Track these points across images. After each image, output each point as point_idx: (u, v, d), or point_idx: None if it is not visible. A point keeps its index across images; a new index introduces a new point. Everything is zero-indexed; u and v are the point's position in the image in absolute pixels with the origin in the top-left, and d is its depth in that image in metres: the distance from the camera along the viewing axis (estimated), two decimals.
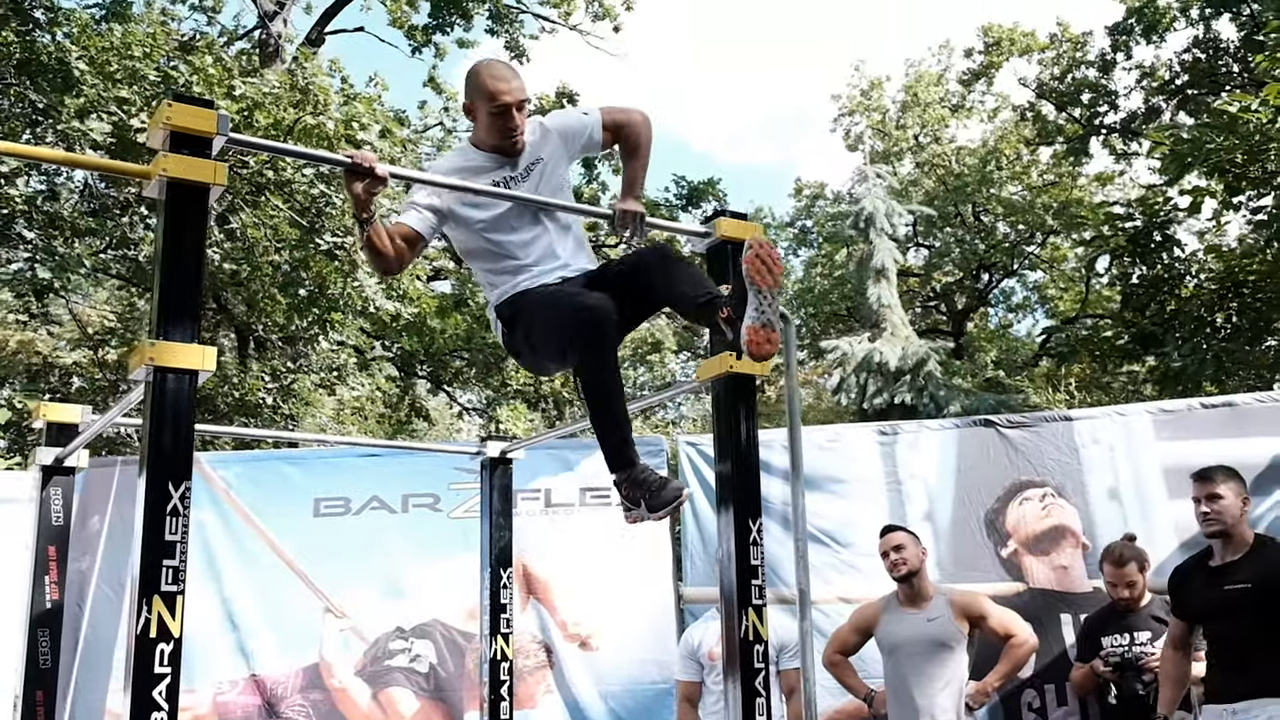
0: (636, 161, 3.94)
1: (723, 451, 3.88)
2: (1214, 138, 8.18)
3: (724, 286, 3.53)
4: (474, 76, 3.69)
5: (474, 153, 3.75)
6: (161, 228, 3.16)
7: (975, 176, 24.64)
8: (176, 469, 3.03)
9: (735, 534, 3.79)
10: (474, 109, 3.70)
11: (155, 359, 2.99)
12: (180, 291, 3.12)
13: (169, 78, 10.20)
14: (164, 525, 3.00)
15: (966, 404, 14.64)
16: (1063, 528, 6.36)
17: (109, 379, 12.24)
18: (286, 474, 7.01)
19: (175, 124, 3.15)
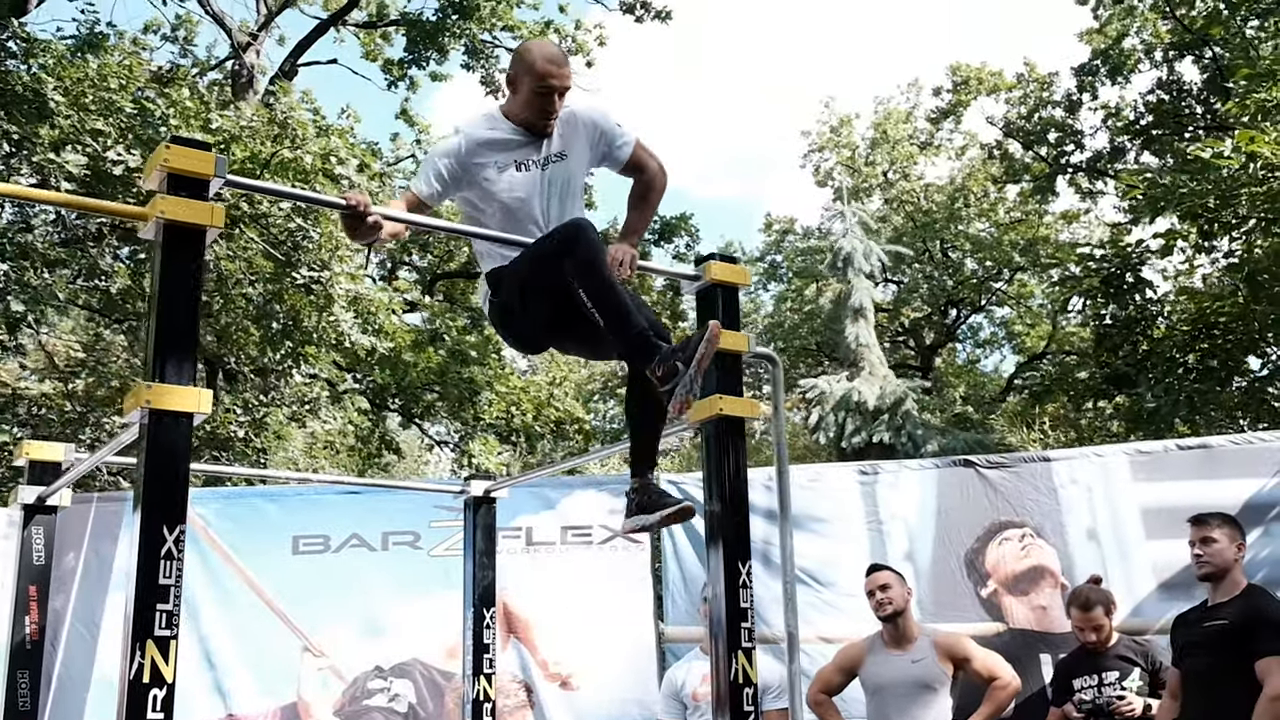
0: (646, 210, 4.05)
1: (713, 493, 3.89)
2: (1187, 182, 8.32)
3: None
4: (526, 53, 3.72)
5: (503, 123, 3.74)
6: (158, 270, 3.16)
7: (943, 213, 24.92)
8: (171, 512, 3.01)
9: (725, 576, 3.80)
10: (517, 82, 3.70)
11: (151, 401, 2.97)
12: (176, 334, 3.11)
13: (145, 110, 10.16)
14: (158, 569, 2.97)
15: (944, 443, 14.73)
16: (1042, 568, 6.41)
17: (78, 411, 12.10)
18: (265, 511, 6.97)
19: (173, 166, 3.16)
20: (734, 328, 4.04)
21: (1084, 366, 13.51)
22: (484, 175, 3.68)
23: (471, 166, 3.66)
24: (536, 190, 3.75)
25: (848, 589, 6.26)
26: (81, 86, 10.16)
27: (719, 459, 3.92)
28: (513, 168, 3.70)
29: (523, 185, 3.71)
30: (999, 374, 27.70)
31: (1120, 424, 11.89)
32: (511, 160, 3.70)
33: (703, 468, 4.00)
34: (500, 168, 3.68)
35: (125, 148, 9.67)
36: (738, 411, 3.94)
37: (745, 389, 4.03)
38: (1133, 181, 8.94)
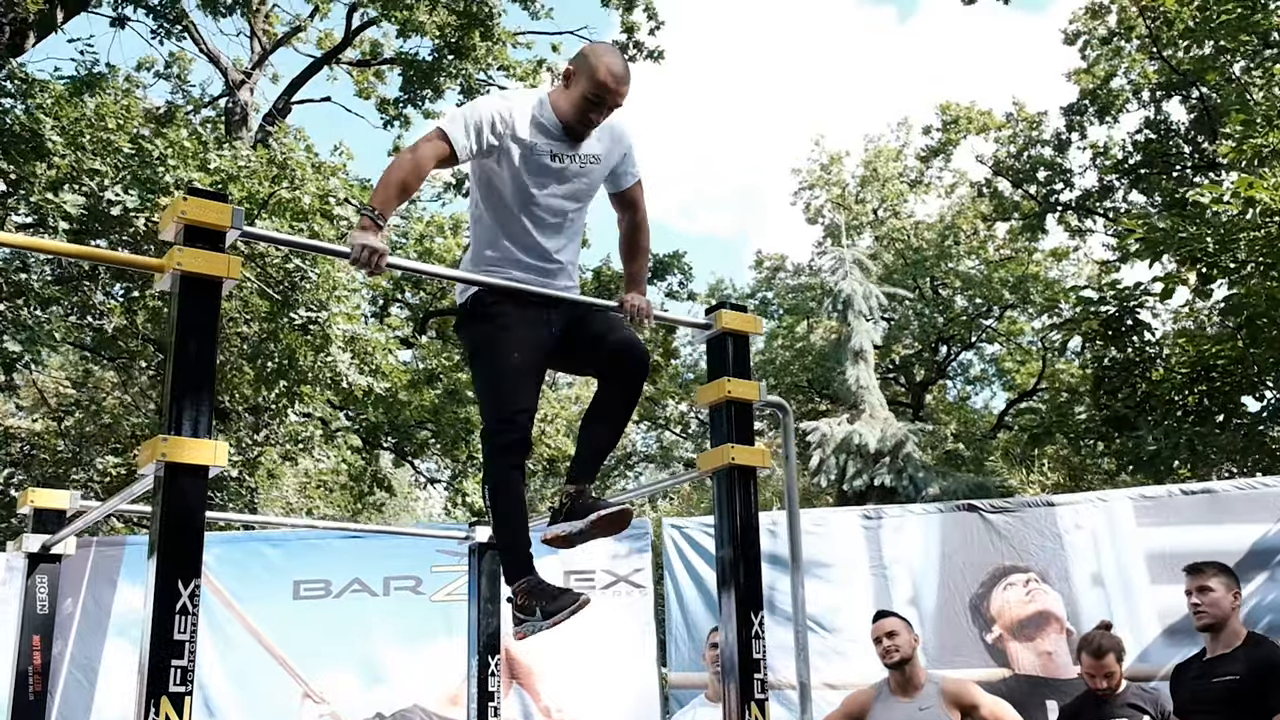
0: (642, 256, 4.10)
1: (724, 542, 3.90)
2: (1186, 227, 8.39)
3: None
4: (592, 54, 3.68)
5: (548, 110, 3.68)
6: (174, 321, 3.14)
7: (934, 250, 25.04)
8: (186, 567, 2.99)
9: (737, 627, 3.79)
10: (573, 80, 3.65)
11: (167, 455, 2.96)
12: (193, 386, 3.09)
13: (142, 150, 10.15)
14: (173, 624, 2.96)
15: (945, 486, 14.73)
16: (1047, 613, 6.40)
17: (71, 450, 12.03)
18: (266, 555, 6.91)
19: (190, 218, 3.15)
20: (745, 376, 4.06)
21: (1077, 404, 13.56)
22: (515, 150, 3.63)
23: (508, 134, 3.61)
24: (566, 184, 3.75)
25: (852, 634, 6.23)
26: (79, 126, 10.16)
27: (730, 508, 3.92)
28: (546, 155, 3.67)
29: (555, 175, 3.70)
30: (989, 411, 27.74)
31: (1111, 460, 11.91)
32: (549, 148, 3.67)
33: (715, 516, 4.00)
34: (535, 150, 3.65)
35: (123, 188, 9.65)
36: (749, 461, 3.95)
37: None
38: (1132, 225, 9.00)
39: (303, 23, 18.26)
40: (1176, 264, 8.93)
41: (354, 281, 10.79)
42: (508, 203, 3.70)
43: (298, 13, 18.22)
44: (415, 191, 3.85)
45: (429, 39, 14.96)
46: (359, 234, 3.44)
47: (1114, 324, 9.76)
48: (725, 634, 3.80)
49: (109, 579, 6.66)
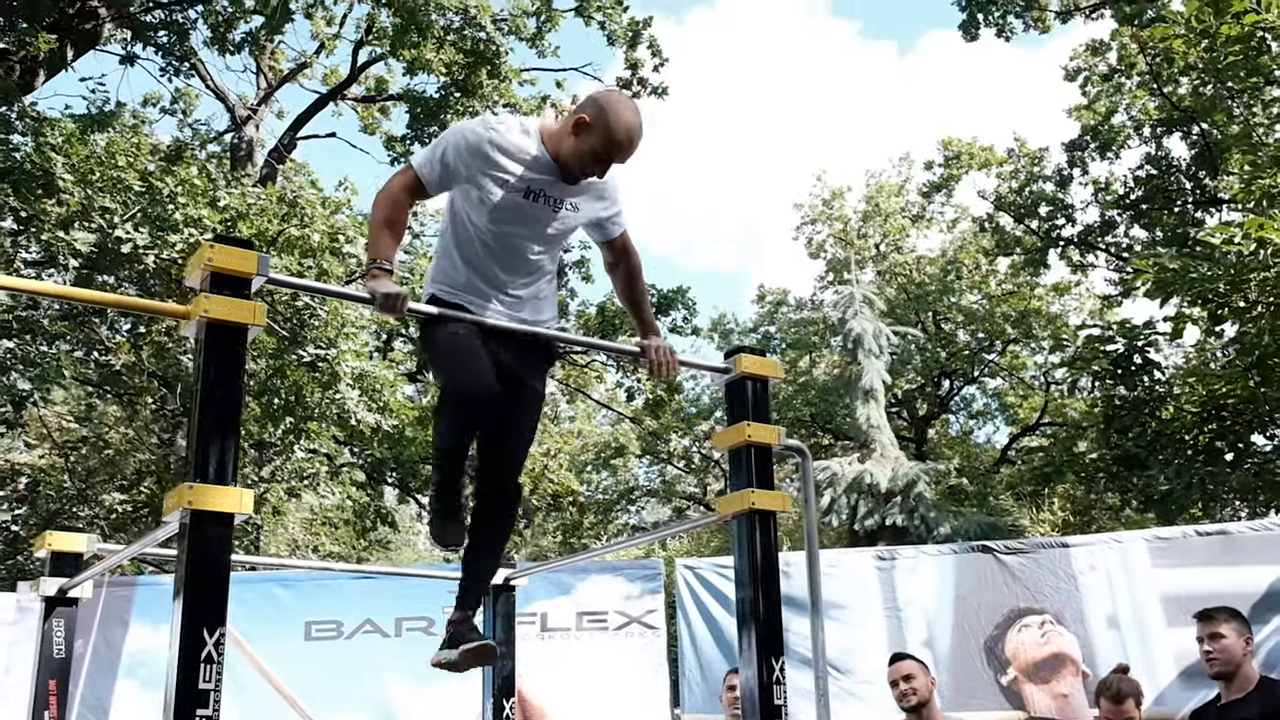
0: (645, 300, 4.08)
1: (744, 586, 3.89)
2: (1197, 267, 8.42)
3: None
4: (611, 112, 3.48)
5: (537, 143, 3.54)
6: (200, 368, 3.15)
7: (936, 285, 25.09)
8: (211, 615, 2.97)
9: (758, 671, 3.78)
10: (586, 130, 3.46)
11: (193, 502, 2.96)
12: (219, 433, 3.10)
13: (152, 187, 10.19)
14: (198, 674, 2.94)
15: (956, 525, 14.69)
16: (1062, 655, 6.38)
17: (78, 486, 12.00)
18: (278, 596, 6.89)
19: (217, 265, 3.17)
20: (764, 420, 4.06)
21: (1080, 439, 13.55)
22: (488, 183, 3.50)
23: (481, 166, 3.48)
24: (537, 224, 3.63)
25: (866, 676, 6.20)
26: (89, 164, 10.21)
27: (751, 551, 3.92)
28: (521, 192, 3.53)
29: (525, 214, 3.58)
30: (992, 446, 27.72)
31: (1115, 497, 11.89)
32: (526, 184, 3.52)
33: (734, 560, 3.99)
34: (508, 186, 3.51)
35: (133, 225, 9.68)
36: (770, 505, 3.95)
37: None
38: (1142, 265, 9.03)
39: (308, 59, 18.37)
40: (1188, 303, 8.95)
41: (362, 319, 10.81)
42: (472, 231, 3.61)
43: (303, 49, 18.34)
44: (404, 225, 3.73)
45: (436, 76, 15.05)
46: (374, 283, 3.41)
47: (1123, 363, 9.78)
48: (745, 678, 3.79)
49: (120, 619, 6.64)
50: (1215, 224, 10.89)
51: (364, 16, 16.65)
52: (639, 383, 19.08)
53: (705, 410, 27.38)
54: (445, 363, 3.62)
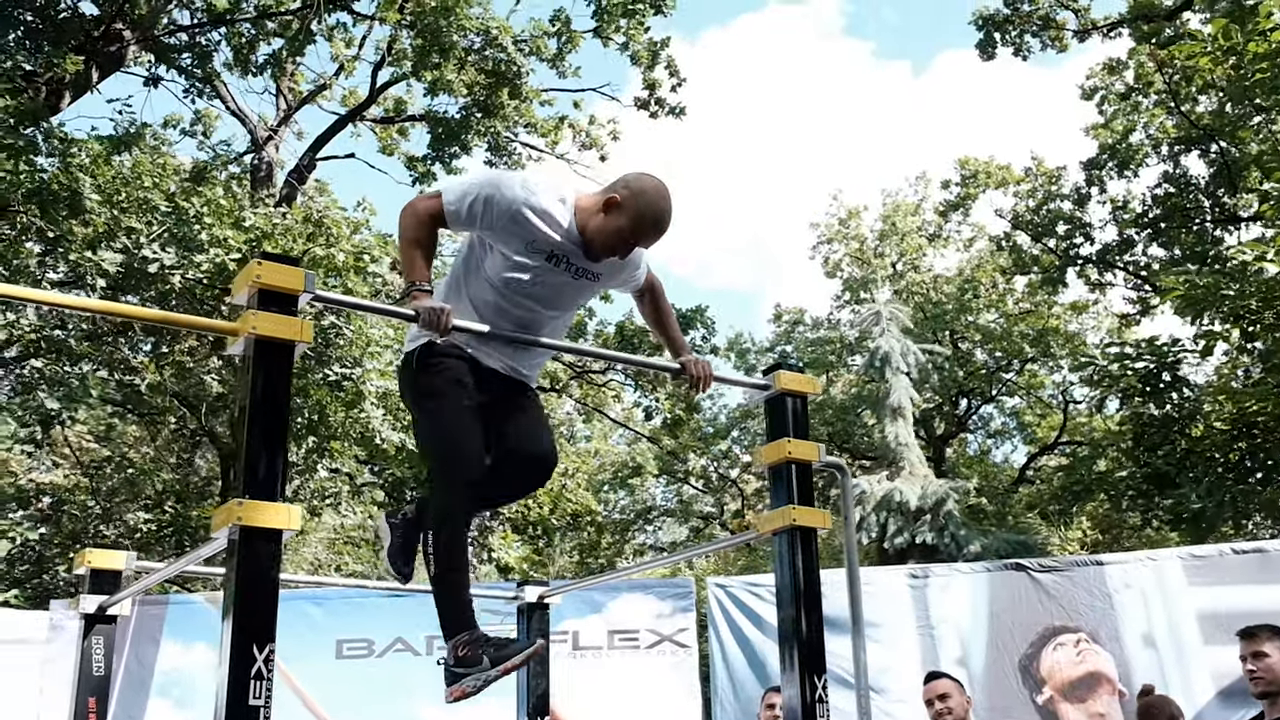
0: (672, 319, 4.07)
1: (785, 604, 3.87)
2: (1229, 285, 8.40)
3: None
4: (642, 196, 3.48)
5: (570, 214, 3.52)
6: (248, 385, 3.14)
7: (953, 304, 25.04)
8: (261, 632, 2.95)
9: (800, 690, 3.75)
10: (616, 210, 3.47)
11: (243, 519, 2.95)
12: (267, 450, 3.09)
13: (178, 208, 10.25)
14: (248, 690, 2.91)
15: (986, 544, 14.61)
16: (1098, 674, 6.33)
17: (102, 506, 12.03)
18: (309, 614, 6.87)
19: (264, 282, 3.16)
20: (804, 437, 4.05)
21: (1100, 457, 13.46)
22: (513, 243, 3.49)
23: (508, 226, 3.46)
24: (557, 292, 3.62)
25: (899, 695, 6.16)
26: (115, 185, 10.27)
27: (792, 569, 3.90)
28: (545, 256, 3.51)
29: (547, 279, 3.55)
30: (1010, 465, 27.61)
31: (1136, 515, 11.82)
32: (550, 248, 3.50)
33: (775, 577, 3.97)
34: (534, 248, 3.49)
35: (160, 245, 9.73)
36: (810, 522, 3.93)
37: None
38: (1173, 283, 9.01)
39: (328, 81, 18.47)
40: (1220, 320, 8.91)
41: (386, 338, 10.83)
42: (487, 280, 3.57)
43: (323, 70, 18.43)
44: (435, 245, 3.69)
45: (457, 97, 15.11)
46: (417, 301, 3.39)
47: (1152, 380, 9.74)
48: (788, 697, 3.76)
49: (152, 638, 6.64)
50: (1248, 240, 10.82)
51: (383, 39, 16.77)
52: (657, 402, 19.07)
53: (723, 430, 27.34)
54: (436, 435, 3.56)
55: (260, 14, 13.94)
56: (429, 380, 3.56)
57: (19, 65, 10.86)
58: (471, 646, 3.37)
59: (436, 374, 3.54)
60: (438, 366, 3.55)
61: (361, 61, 17.91)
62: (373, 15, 15.03)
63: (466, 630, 3.41)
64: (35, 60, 11.18)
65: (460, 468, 3.47)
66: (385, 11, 14.04)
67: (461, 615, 3.44)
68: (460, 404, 3.51)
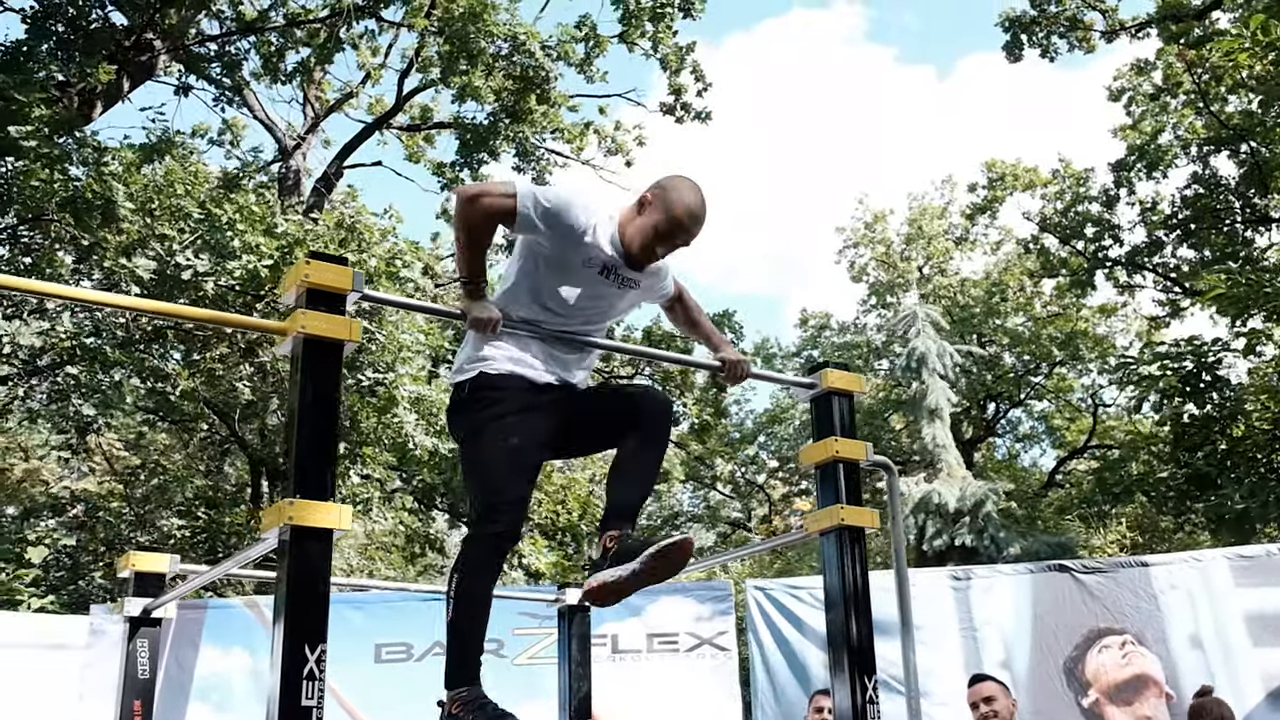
0: (705, 320, 4.07)
1: (834, 604, 3.85)
2: (1272, 281, 8.31)
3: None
4: (674, 191, 3.53)
5: (615, 228, 3.56)
6: (298, 384, 3.12)
7: (980, 308, 24.91)
8: (313, 632, 2.93)
9: (850, 690, 3.72)
10: (648, 208, 3.53)
11: (294, 518, 2.93)
12: (317, 449, 3.08)
13: (211, 215, 10.29)
14: (300, 690, 2.89)
15: (1026, 546, 14.47)
16: (1145, 676, 6.25)
17: (136, 513, 12.08)
18: (348, 618, 6.85)
19: (312, 281, 3.15)
20: (851, 435, 4.02)
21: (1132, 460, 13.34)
22: (571, 255, 3.50)
23: (572, 236, 3.48)
24: (606, 303, 3.66)
25: (942, 698, 6.10)
26: (148, 192, 10.32)
27: (841, 568, 3.87)
28: (598, 269, 3.54)
29: (597, 290, 3.59)
30: (1039, 469, 27.43)
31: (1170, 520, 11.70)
32: (602, 262, 3.53)
33: (824, 578, 3.95)
34: (590, 262, 3.52)
35: (193, 252, 9.77)
36: (859, 521, 3.91)
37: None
38: (1213, 280, 8.91)
39: (354, 89, 18.53)
40: (1263, 318, 8.82)
41: (417, 343, 10.83)
42: (542, 288, 3.57)
43: (349, 79, 18.53)
44: (491, 240, 3.70)
45: (485, 104, 15.12)
46: (468, 304, 3.42)
47: (1192, 380, 9.64)
48: (838, 699, 3.73)
49: (191, 642, 6.64)
50: None
51: (410, 46, 16.82)
52: (684, 407, 19.03)
53: (750, 435, 27.28)
54: (478, 477, 3.48)
55: (290, 22, 13.99)
56: (478, 416, 3.48)
57: (52, 75, 10.93)
58: (466, 708, 3.22)
59: (487, 408, 3.48)
60: (489, 400, 3.48)
61: (388, 69, 17.99)
62: (400, 22, 15.08)
63: (468, 686, 3.26)
64: (68, 70, 11.25)
65: (498, 516, 3.36)
66: (413, 18, 14.07)
67: (466, 666, 3.31)
68: (508, 444, 3.43)
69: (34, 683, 6.61)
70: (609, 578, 3.32)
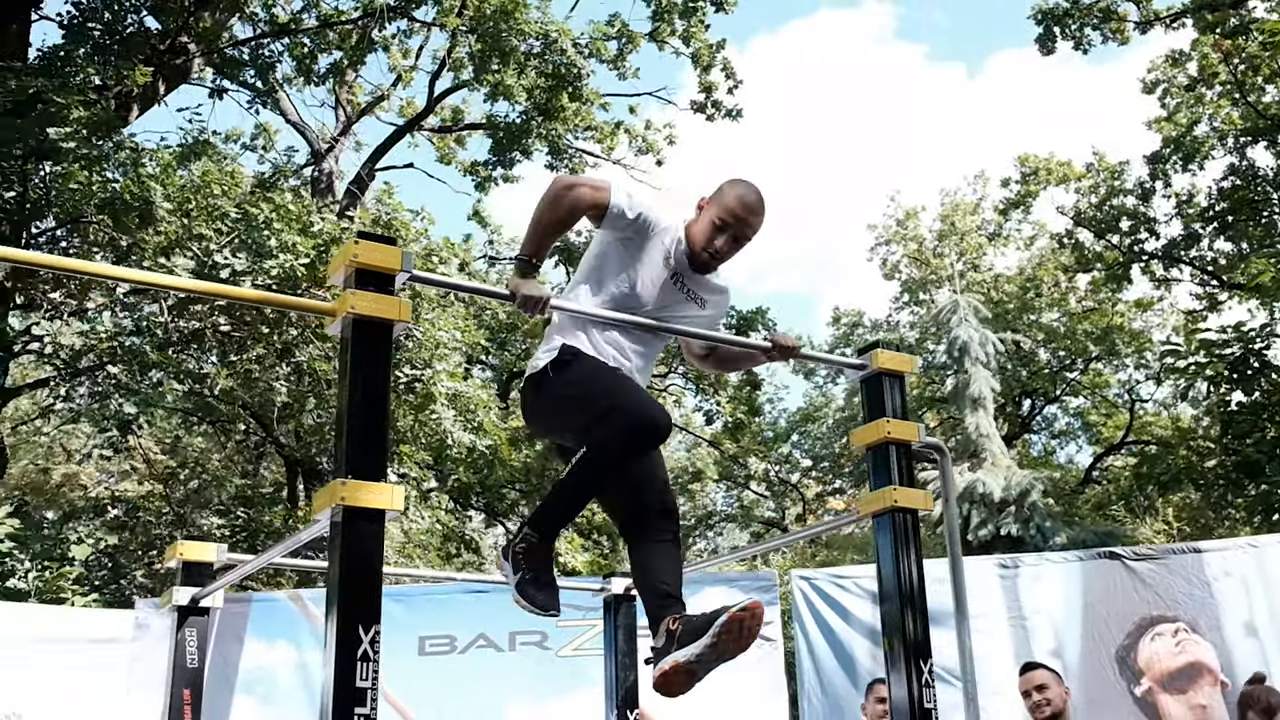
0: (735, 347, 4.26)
1: (887, 588, 3.80)
2: None
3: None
4: (728, 186, 3.69)
5: (682, 233, 3.67)
6: (349, 365, 3.10)
7: (1015, 304, 24.72)
8: (367, 612, 2.91)
9: (907, 675, 3.68)
10: (706, 208, 3.67)
11: (346, 499, 2.90)
12: (368, 429, 3.05)
13: (248, 214, 10.32)
14: (354, 672, 2.87)
15: (1073, 535, 14.33)
16: (1199, 664, 6.15)
17: (176, 512, 12.14)
18: (391, 611, 6.78)
19: (361, 261, 3.12)
20: (903, 416, 3.97)
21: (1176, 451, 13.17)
22: (651, 252, 3.60)
23: (658, 236, 3.60)
24: (667, 311, 3.69)
25: (993, 687, 6.01)
26: (185, 193, 10.37)
27: (894, 551, 3.83)
28: (671, 274, 3.64)
29: (667, 295, 3.66)
30: (1075, 466, 27.18)
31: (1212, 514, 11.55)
32: (675, 268, 3.64)
33: (877, 560, 3.90)
34: (667, 264, 3.62)
35: (230, 251, 9.81)
36: (912, 503, 3.86)
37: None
38: (1264, 265, 8.78)
39: (385, 92, 18.61)
40: None
41: (454, 340, 10.83)
42: (618, 285, 3.63)
43: (380, 82, 18.59)
44: (567, 229, 3.73)
45: (516, 103, 15.12)
46: (516, 283, 3.40)
47: (1240, 367, 9.51)
48: (892, 685, 3.68)
49: (236, 636, 6.65)
50: None
51: (441, 48, 16.88)
52: (718, 405, 18.98)
53: (783, 434, 27.20)
54: (612, 393, 3.47)
55: (322, 23, 14.05)
56: (572, 373, 3.54)
57: (89, 79, 11.01)
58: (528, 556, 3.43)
59: (584, 363, 3.55)
60: (584, 358, 3.56)
61: (419, 71, 18.07)
62: (432, 21, 15.11)
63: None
64: (104, 73, 11.33)
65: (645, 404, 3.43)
66: (445, 17, 14.09)
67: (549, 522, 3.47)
68: (618, 375, 3.55)
69: (82, 677, 6.65)
70: (681, 659, 3.26)
